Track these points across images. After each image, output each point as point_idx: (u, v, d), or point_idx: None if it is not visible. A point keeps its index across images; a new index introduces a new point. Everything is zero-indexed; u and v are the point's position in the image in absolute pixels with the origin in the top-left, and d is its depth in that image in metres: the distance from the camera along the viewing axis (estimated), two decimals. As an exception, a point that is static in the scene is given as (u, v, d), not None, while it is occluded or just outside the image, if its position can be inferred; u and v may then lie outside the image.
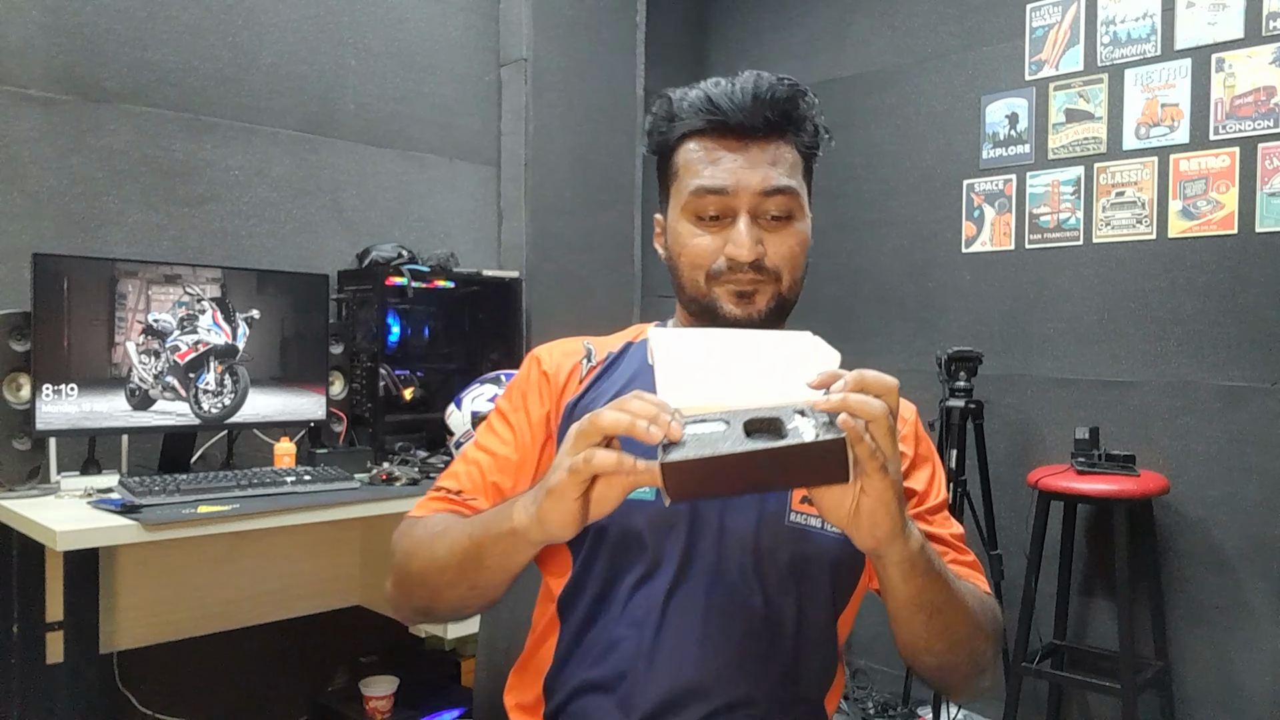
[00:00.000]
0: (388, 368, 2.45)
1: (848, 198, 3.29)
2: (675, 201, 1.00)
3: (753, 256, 0.94)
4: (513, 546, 0.83)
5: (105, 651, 1.93)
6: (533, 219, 2.94)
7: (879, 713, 2.91)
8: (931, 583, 0.82)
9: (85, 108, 2.19)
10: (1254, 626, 2.45)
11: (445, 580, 0.91)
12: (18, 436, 1.88)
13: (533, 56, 2.91)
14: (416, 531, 0.97)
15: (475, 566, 0.87)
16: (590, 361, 1.07)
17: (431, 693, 2.41)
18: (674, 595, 0.93)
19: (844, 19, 3.32)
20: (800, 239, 0.99)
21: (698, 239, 0.97)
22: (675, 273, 1.02)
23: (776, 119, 0.96)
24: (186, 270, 2.08)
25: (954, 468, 2.63)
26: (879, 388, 0.72)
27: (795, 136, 0.98)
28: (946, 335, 3.01)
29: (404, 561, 0.97)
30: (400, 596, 1.00)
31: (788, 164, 0.97)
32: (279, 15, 2.51)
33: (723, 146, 0.96)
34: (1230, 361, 2.50)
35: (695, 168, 0.97)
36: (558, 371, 1.06)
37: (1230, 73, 2.48)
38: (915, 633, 0.87)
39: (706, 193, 0.96)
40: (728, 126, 0.95)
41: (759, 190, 0.95)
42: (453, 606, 0.95)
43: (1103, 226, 2.71)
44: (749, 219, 0.95)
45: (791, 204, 0.97)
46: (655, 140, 1.03)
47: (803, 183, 0.99)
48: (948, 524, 1.04)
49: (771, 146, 0.96)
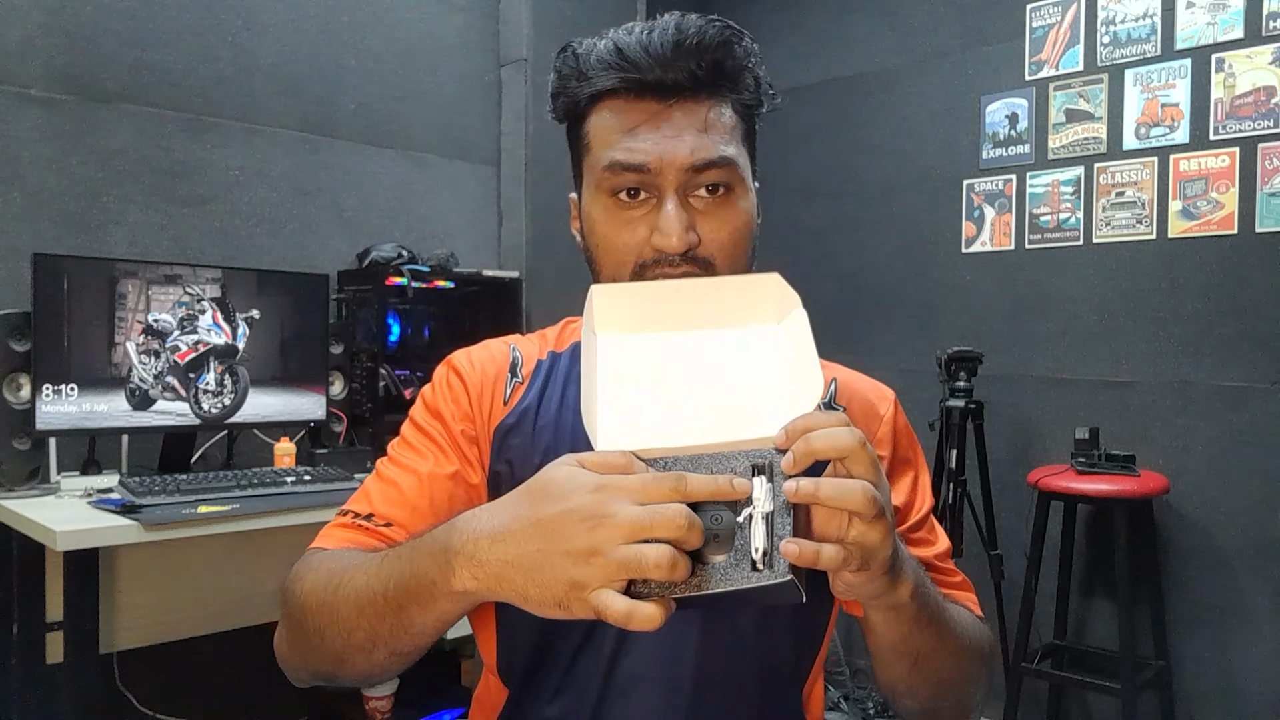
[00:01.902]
0: (388, 368, 2.45)
1: (848, 198, 3.29)
2: (589, 179, 0.83)
3: (683, 246, 0.77)
4: (451, 609, 0.65)
5: (105, 651, 1.93)
6: (533, 219, 2.94)
7: (879, 713, 2.91)
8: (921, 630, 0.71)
9: (85, 108, 2.19)
10: (1254, 626, 2.45)
11: (354, 644, 0.70)
12: (18, 436, 1.88)
13: (533, 56, 2.91)
14: (311, 579, 0.75)
15: (395, 630, 0.67)
16: (516, 377, 0.90)
17: (431, 693, 2.41)
18: (617, 664, 0.82)
19: (844, 19, 3.32)
20: (742, 219, 0.81)
21: (617, 229, 0.80)
22: (593, 265, 0.85)
23: (706, 73, 0.78)
24: (186, 270, 2.08)
25: (954, 468, 2.62)
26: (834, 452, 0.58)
27: (731, 92, 0.80)
28: (946, 335, 3.01)
29: (298, 614, 0.75)
30: (294, 655, 0.79)
31: (723, 128, 0.79)
32: (279, 15, 2.51)
33: (642, 111, 0.78)
34: (1230, 361, 2.49)
35: (608, 138, 0.79)
36: (480, 385, 0.89)
37: (1230, 73, 2.48)
38: (897, 676, 0.77)
39: (623, 169, 0.78)
40: (645, 85, 0.77)
41: (687, 165, 0.77)
42: (363, 673, 0.74)
43: (1103, 226, 2.71)
44: (677, 200, 0.78)
45: (729, 176, 0.79)
46: (561, 105, 0.84)
47: (743, 149, 0.81)
48: (931, 539, 0.91)
49: (702, 107, 0.78)
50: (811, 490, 0.57)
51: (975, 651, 0.81)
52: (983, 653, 0.83)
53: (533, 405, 0.87)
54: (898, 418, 0.94)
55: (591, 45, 0.81)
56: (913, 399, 1.06)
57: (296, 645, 0.77)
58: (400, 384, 2.47)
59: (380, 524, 0.82)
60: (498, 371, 0.90)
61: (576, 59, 0.82)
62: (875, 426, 0.92)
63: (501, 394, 0.88)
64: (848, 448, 0.58)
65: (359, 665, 0.72)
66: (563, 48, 0.84)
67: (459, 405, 0.88)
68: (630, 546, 0.54)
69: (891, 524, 0.60)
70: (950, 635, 0.75)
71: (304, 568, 0.78)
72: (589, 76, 0.80)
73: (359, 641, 0.70)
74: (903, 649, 0.73)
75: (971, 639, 0.80)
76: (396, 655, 0.70)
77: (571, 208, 0.90)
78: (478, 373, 0.89)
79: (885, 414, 0.93)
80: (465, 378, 0.89)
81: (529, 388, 0.88)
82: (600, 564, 0.54)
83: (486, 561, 0.59)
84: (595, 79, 0.79)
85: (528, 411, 0.87)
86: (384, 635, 0.68)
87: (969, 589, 0.92)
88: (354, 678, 0.76)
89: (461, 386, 0.89)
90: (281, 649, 0.81)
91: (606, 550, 0.54)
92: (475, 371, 0.89)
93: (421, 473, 0.84)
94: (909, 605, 0.68)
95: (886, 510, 0.59)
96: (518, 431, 0.86)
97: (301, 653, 0.77)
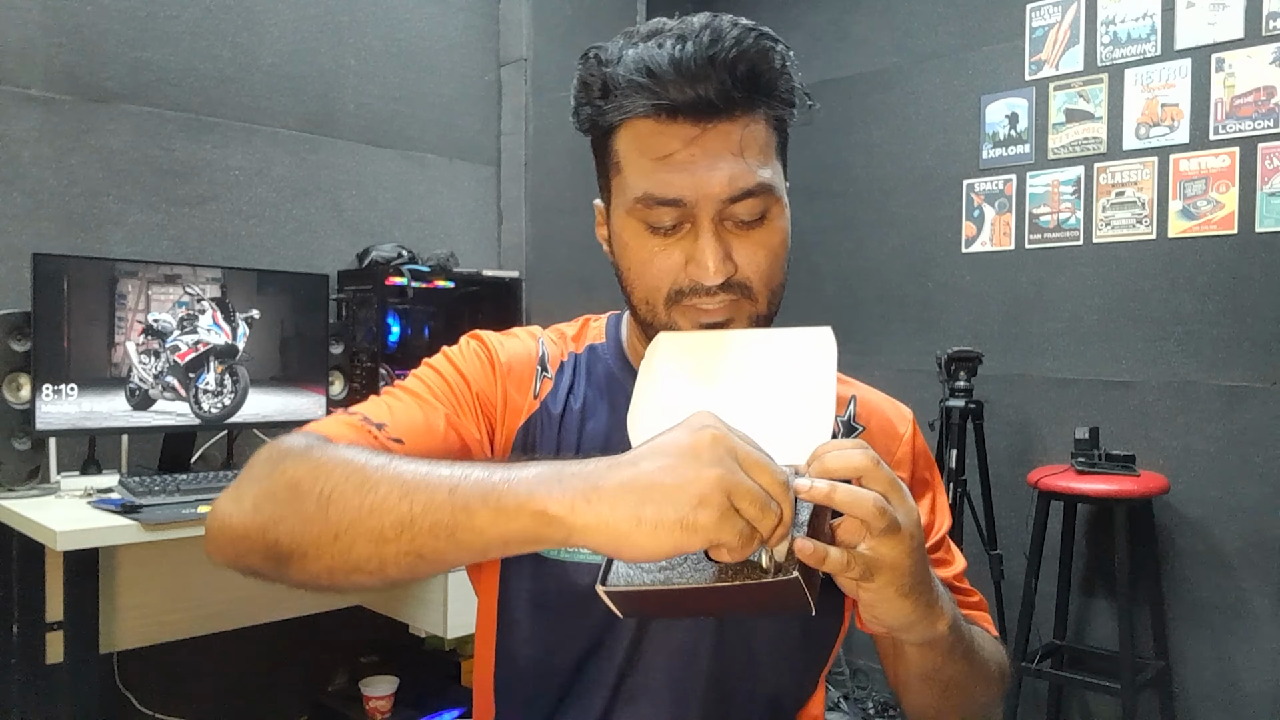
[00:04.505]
0: (388, 368, 2.45)
1: (848, 198, 3.29)
2: (618, 200, 0.79)
3: (722, 277, 0.74)
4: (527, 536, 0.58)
5: (105, 651, 1.93)
6: (533, 219, 2.94)
7: (879, 713, 2.91)
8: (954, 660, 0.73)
9: (85, 108, 2.19)
10: (1254, 626, 2.45)
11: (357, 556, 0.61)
12: (18, 436, 1.88)
13: (533, 56, 2.91)
14: (329, 458, 0.65)
15: (446, 541, 0.59)
16: (546, 372, 0.87)
17: (431, 693, 2.41)
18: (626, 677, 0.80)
19: (844, 19, 3.32)
20: (778, 239, 0.78)
21: (651, 255, 0.77)
22: (625, 285, 0.81)
23: (740, 89, 0.73)
24: (186, 270, 2.08)
25: (954, 468, 2.63)
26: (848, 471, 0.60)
27: (766, 105, 0.76)
28: (946, 335, 3.01)
29: (292, 491, 0.64)
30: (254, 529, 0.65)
31: (758, 147, 0.75)
32: (279, 15, 2.51)
33: (673, 135, 0.73)
34: (1230, 361, 2.49)
35: (639, 163, 0.75)
36: (509, 369, 0.86)
37: (1230, 73, 2.48)
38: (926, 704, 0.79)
39: (657, 203, 0.74)
40: (677, 107, 0.73)
41: (724, 197, 0.74)
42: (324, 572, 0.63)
43: (1103, 226, 2.71)
44: (713, 229, 0.74)
45: (766, 203, 0.76)
46: (586, 119, 0.79)
47: (777, 164, 0.78)
48: (948, 560, 0.92)
49: (736, 127, 0.74)
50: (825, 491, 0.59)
51: (997, 676, 0.83)
52: (1002, 674, 0.85)
53: (559, 403, 0.86)
54: (916, 439, 0.94)
55: (618, 55, 0.75)
56: (913, 399, 1.06)
57: (264, 511, 0.65)
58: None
59: (392, 438, 0.75)
60: (528, 364, 0.88)
61: (603, 73, 0.75)
62: (894, 446, 0.92)
63: (531, 387, 0.86)
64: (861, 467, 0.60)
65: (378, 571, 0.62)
66: (585, 53, 0.78)
67: (484, 377, 0.85)
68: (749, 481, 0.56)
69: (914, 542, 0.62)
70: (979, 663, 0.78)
71: (314, 444, 0.68)
72: (616, 97, 0.75)
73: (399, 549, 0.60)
74: (935, 678, 0.75)
75: (993, 663, 0.83)
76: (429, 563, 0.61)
77: (597, 214, 0.86)
78: (507, 357, 0.87)
79: (905, 434, 0.93)
80: (495, 356, 0.87)
81: (556, 385, 0.87)
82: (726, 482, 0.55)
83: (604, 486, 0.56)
84: (623, 102, 0.74)
85: (553, 408, 0.86)
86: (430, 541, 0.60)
87: (984, 609, 0.93)
88: (314, 575, 0.64)
89: (490, 362, 0.86)
90: (229, 512, 0.67)
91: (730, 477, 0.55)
92: (505, 355, 0.87)
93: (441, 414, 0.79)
94: (945, 638, 0.70)
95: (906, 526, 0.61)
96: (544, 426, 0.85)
97: (271, 521, 0.64)
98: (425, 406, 0.80)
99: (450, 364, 0.85)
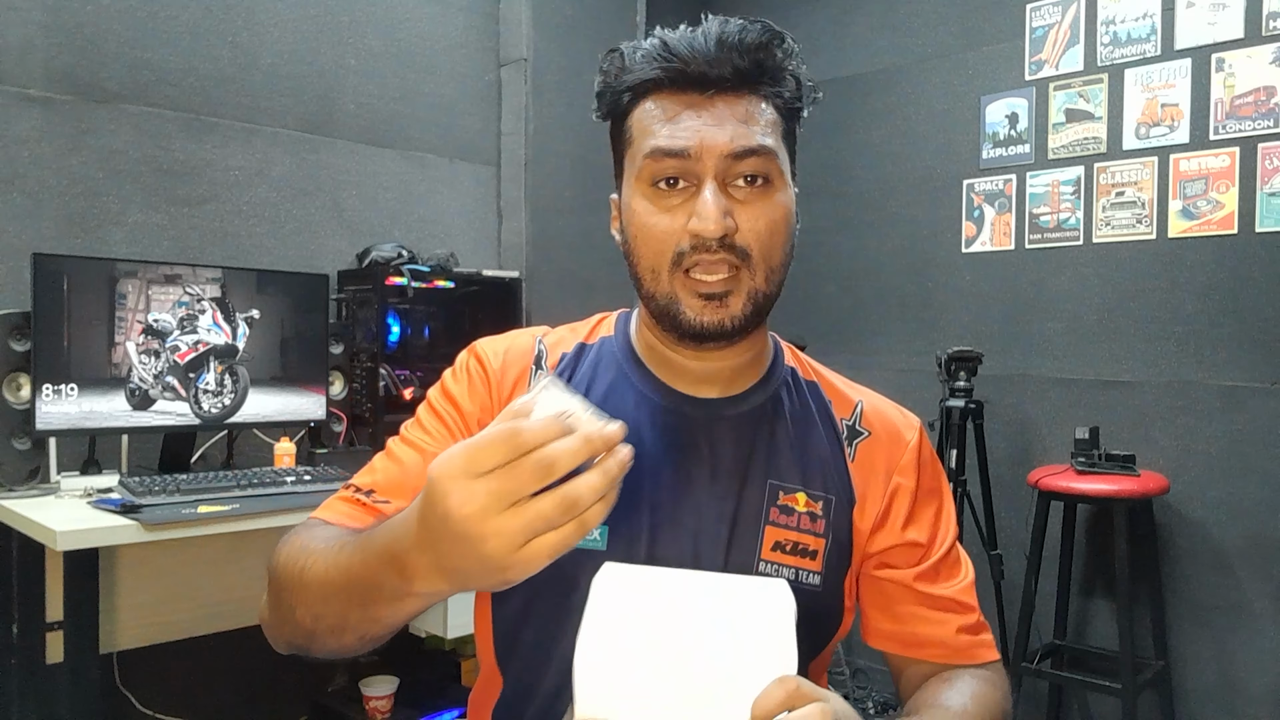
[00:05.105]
0: (388, 368, 2.45)
1: (848, 198, 3.29)
2: (630, 171, 0.84)
3: (720, 231, 0.78)
4: (419, 606, 0.66)
5: (105, 651, 1.93)
6: (533, 219, 2.94)
7: (879, 713, 2.91)
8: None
9: (85, 108, 2.19)
10: (1254, 626, 2.45)
11: (324, 627, 0.72)
12: (18, 436, 1.88)
13: (533, 56, 2.91)
14: (287, 554, 0.77)
15: (364, 620, 0.69)
16: (541, 369, 0.92)
17: (431, 693, 2.41)
18: None
19: (844, 19, 3.32)
20: (780, 212, 0.81)
21: (656, 217, 0.81)
22: (632, 261, 0.85)
23: (748, 68, 0.80)
24: (186, 270, 2.08)
25: (954, 468, 2.63)
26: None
27: (772, 90, 0.82)
28: (946, 335, 3.01)
29: (275, 586, 0.77)
30: (273, 625, 0.80)
31: (764, 122, 0.81)
32: (279, 15, 2.51)
33: (684, 102, 0.80)
34: (1230, 361, 2.49)
35: (650, 127, 0.81)
36: (503, 372, 0.91)
37: (1230, 73, 2.48)
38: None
39: (664, 155, 0.79)
40: (688, 77, 0.79)
41: (727, 152, 0.78)
42: (334, 652, 0.75)
43: (1103, 226, 2.71)
44: (716, 186, 0.79)
45: (768, 166, 0.80)
46: (606, 101, 0.86)
47: (782, 145, 0.83)
48: (954, 574, 0.91)
49: (743, 101, 0.80)
50: None
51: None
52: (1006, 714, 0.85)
53: None
54: (923, 447, 0.94)
55: (637, 45, 0.84)
56: (913, 399, 1.06)
57: (275, 614, 0.79)
58: (400, 384, 2.47)
59: (379, 500, 0.84)
60: (523, 365, 0.92)
61: (622, 56, 0.84)
62: (899, 453, 0.92)
63: (525, 388, 0.90)
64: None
65: (330, 645, 0.74)
66: (609, 50, 0.86)
67: (477, 393, 0.90)
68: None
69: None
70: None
71: (288, 540, 0.79)
72: (632, 70, 0.82)
73: (327, 625, 0.72)
74: None
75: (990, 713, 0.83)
76: (368, 639, 0.72)
77: (612, 208, 0.91)
78: (501, 363, 0.91)
79: (911, 441, 0.94)
80: (488, 367, 0.91)
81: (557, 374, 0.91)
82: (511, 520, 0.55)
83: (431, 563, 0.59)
84: (639, 70, 0.82)
85: None
86: (353, 623, 0.70)
87: (985, 630, 0.92)
88: (328, 653, 0.76)
89: (483, 375, 0.91)
90: (263, 614, 0.82)
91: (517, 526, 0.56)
92: (499, 362, 0.92)
93: (428, 453, 0.86)
94: None
95: None
96: None
97: (278, 622, 0.79)
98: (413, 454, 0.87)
99: (443, 394, 0.92)
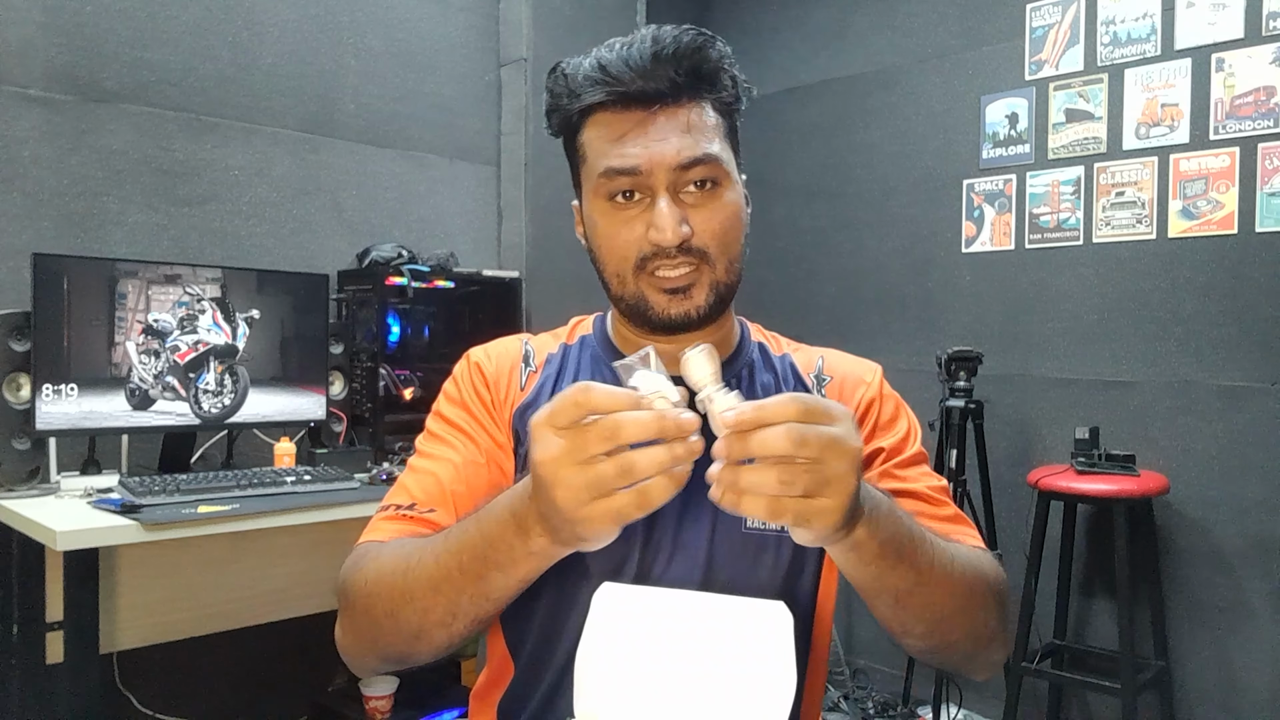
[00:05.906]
0: (388, 368, 2.45)
1: (848, 198, 3.29)
2: (587, 186, 0.90)
3: (678, 239, 0.84)
4: (533, 568, 0.71)
5: (105, 651, 1.93)
6: (533, 219, 2.94)
7: (879, 713, 2.91)
8: (892, 567, 0.72)
9: (85, 108, 2.19)
10: (1254, 626, 2.45)
11: (433, 620, 0.76)
12: (18, 436, 1.88)
13: (533, 56, 2.91)
14: (374, 566, 0.81)
15: (477, 598, 0.74)
16: (530, 366, 0.98)
17: (431, 693, 2.41)
18: None
19: (844, 19, 3.32)
20: (731, 210, 0.87)
21: (616, 229, 0.87)
22: (599, 266, 0.92)
23: (684, 78, 0.84)
24: (186, 270, 2.08)
25: (954, 468, 2.62)
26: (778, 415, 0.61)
27: (710, 94, 0.87)
28: (946, 335, 3.01)
29: (366, 606, 0.80)
30: (361, 643, 0.84)
31: (705, 127, 0.86)
32: (279, 15, 2.51)
33: (629, 120, 0.85)
34: (1230, 361, 2.49)
35: (601, 147, 0.86)
36: (497, 375, 0.97)
37: (1230, 72, 2.48)
38: (885, 616, 0.79)
39: (616, 174, 0.85)
40: (630, 96, 0.84)
41: (675, 164, 0.84)
42: (441, 647, 0.79)
43: (1103, 226, 2.71)
44: (669, 197, 0.84)
45: (715, 171, 0.86)
46: (556, 120, 0.91)
47: (726, 145, 0.88)
48: (924, 477, 0.94)
49: (684, 111, 0.85)
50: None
51: (972, 584, 0.80)
52: (985, 582, 0.82)
53: (548, 385, 0.96)
54: (883, 386, 1.00)
55: (578, 64, 0.87)
56: (913, 399, 1.07)
57: (363, 633, 0.82)
58: (400, 384, 2.47)
59: (424, 511, 0.88)
60: (513, 363, 0.98)
61: (565, 78, 0.88)
62: (858, 390, 0.98)
63: (518, 381, 0.97)
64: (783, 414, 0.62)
65: (438, 639, 0.78)
66: (552, 69, 0.90)
67: (481, 395, 0.96)
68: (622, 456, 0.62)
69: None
70: (934, 570, 0.75)
71: (363, 558, 0.83)
72: (578, 94, 0.86)
73: (438, 617, 0.75)
74: (877, 587, 0.74)
75: (966, 571, 0.80)
76: (477, 622, 0.76)
77: (575, 214, 0.97)
78: (494, 364, 0.98)
79: (871, 380, 1.00)
80: (484, 369, 0.97)
81: (543, 374, 0.97)
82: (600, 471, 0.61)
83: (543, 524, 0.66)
84: (583, 95, 0.86)
85: (543, 390, 0.95)
86: (465, 606, 0.74)
87: (964, 522, 0.92)
88: (431, 652, 0.80)
89: (482, 378, 0.97)
90: (344, 641, 0.85)
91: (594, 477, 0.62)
92: (492, 363, 0.98)
93: (456, 461, 0.91)
94: (869, 544, 0.69)
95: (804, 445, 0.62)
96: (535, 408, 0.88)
97: (371, 639, 0.82)
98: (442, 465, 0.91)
99: (451, 403, 0.97)
